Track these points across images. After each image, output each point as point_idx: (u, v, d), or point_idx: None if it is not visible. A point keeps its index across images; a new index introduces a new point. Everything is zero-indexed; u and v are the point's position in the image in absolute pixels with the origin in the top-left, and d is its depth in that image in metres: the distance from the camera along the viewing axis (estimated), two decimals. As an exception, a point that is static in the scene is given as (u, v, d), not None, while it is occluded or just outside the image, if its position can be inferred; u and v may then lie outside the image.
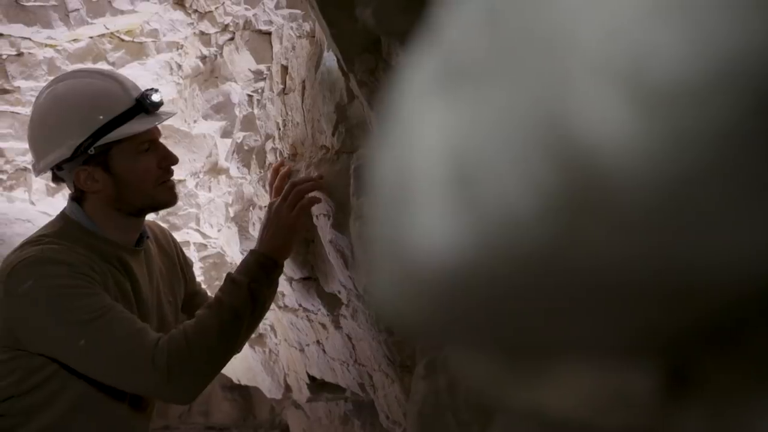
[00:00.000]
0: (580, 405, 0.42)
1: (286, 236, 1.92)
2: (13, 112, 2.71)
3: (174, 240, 2.18)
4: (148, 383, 1.69)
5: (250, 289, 1.85)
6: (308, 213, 1.98)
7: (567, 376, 0.39)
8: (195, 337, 1.72)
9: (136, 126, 1.77)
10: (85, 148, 1.75)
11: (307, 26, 2.08)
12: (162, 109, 1.87)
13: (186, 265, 2.17)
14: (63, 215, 1.86)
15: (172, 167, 1.89)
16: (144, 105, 1.79)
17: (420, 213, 0.28)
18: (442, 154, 0.27)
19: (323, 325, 2.26)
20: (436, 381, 1.26)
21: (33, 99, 2.65)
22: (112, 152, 1.78)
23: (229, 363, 2.62)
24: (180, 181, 2.82)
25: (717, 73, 0.23)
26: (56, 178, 1.87)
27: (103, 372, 1.71)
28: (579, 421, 0.43)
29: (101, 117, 1.75)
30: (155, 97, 1.81)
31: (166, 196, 1.88)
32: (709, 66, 0.23)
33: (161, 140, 1.92)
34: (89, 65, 2.52)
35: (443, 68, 0.28)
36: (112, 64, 2.54)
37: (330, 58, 1.81)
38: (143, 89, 1.83)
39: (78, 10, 2.39)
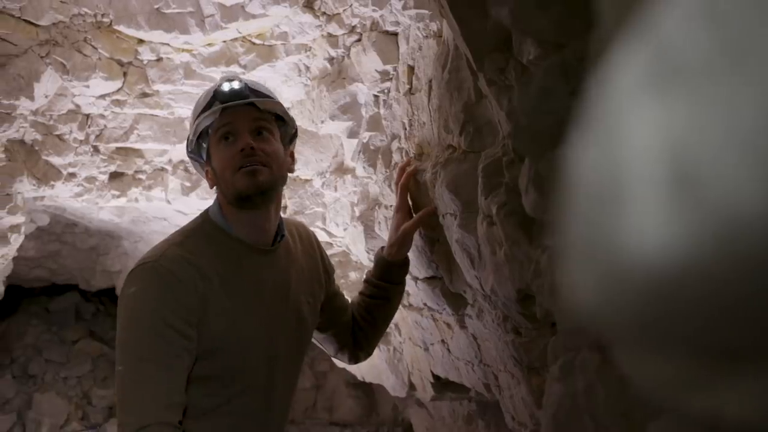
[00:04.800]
0: (762, 412, 0.41)
1: None
2: (152, 115, 2.84)
3: (318, 242, 2.16)
4: None
5: None
6: (433, 212, 1.98)
7: (754, 382, 0.38)
8: None
9: (204, 120, 1.81)
10: (188, 145, 1.90)
11: (434, 26, 2.09)
12: (262, 99, 1.84)
13: (328, 266, 2.15)
14: (204, 213, 1.90)
15: (261, 152, 1.79)
16: (217, 96, 1.81)
17: (632, 213, 0.28)
18: (659, 153, 0.27)
19: (448, 325, 2.26)
20: (573, 383, 1.23)
21: (171, 102, 2.80)
22: (208, 146, 1.85)
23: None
24: (306, 180, 2.90)
25: None
26: None
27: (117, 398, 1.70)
28: (757, 429, 0.42)
29: (196, 115, 1.84)
30: (225, 87, 1.82)
31: (242, 183, 1.77)
32: None
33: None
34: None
35: (656, 66, 0.28)
36: (244, 67, 2.63)
37: (458, 57, 1.81)
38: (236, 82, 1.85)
39: (213, 15, 2.49)
